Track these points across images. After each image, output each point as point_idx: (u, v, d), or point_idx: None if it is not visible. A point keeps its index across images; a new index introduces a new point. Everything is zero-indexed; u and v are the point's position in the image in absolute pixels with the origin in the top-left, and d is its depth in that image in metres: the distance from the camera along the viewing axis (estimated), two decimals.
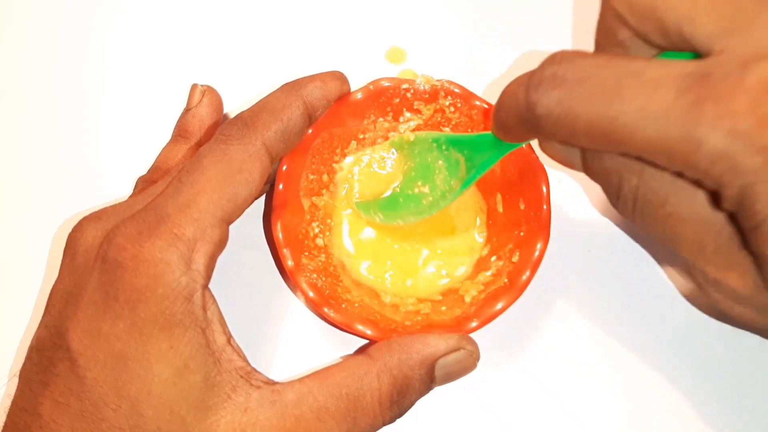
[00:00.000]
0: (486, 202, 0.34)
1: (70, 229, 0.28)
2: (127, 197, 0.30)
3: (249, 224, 0.34)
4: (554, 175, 0.28)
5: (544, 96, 0.22)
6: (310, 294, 0.30)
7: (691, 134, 0.20)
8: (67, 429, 0.25)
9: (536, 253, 0.30)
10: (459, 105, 0.33)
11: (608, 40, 0.24)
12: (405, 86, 0.33)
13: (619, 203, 0.25)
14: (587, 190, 0.35)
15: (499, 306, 0.30)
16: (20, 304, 0.34)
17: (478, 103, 0.33)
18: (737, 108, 0.19)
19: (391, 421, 0.28)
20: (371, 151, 0.34)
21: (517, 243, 0.32)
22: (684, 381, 0.32)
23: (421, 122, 0.34)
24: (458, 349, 0.29)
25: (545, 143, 0.26)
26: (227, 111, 0.36)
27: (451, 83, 0.33)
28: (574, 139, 0.22)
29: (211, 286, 0.27)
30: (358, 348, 0.33)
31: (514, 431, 0.32)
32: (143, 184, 0.32)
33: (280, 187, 0.31)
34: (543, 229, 0.31)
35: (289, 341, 0.33)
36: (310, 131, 0.32)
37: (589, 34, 0.37)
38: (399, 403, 0.28)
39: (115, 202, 0.29)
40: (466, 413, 0.32)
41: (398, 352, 0.28)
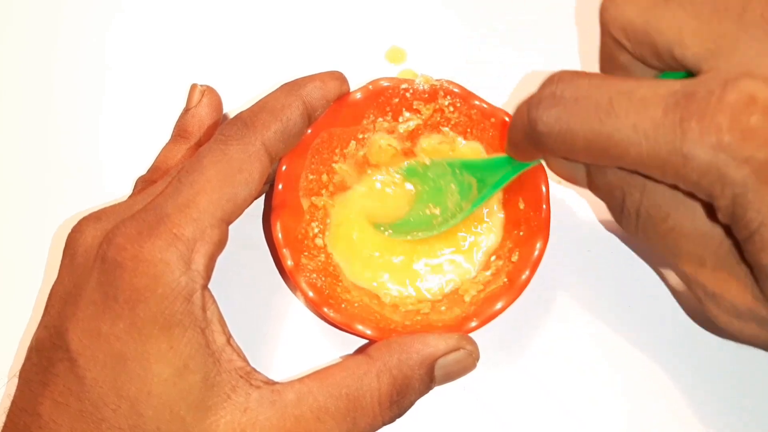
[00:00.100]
0: (486, 202, 0.34)
1: (69, 229, 0.28)
2: (126, 197, 0.31)
3: (248, 224, 0.34)
4: (554, 176, 0.29)
5: (544, 114, 0.23)
6: (310, 294, 0.30)
7: (679, 149, 0.21)
8: (66, 429, 0.25)
9: (536, 252, 0.30)
10: (458, 105, 0.33)
11: (610, 64, 0.25)
12: (404, 86, 0.33)
13: (622, 218, 0.26)
14: (586, 191, 0.35)
15: (499, 306, 0.30)
16: (20, 304, 0.34)
17: (477, 102, 0.33)
18: (720, 123, 0.20)
19: (391, 421, 0.28)
20: (384, 172, 0.34)
21: (516, 242, 0.32)
22: (684, 381, 0.32)
23: (420, 122, 0.34)
24: (458, 348, 0.29)
25: (551, 160, 0.27)
26: (227, 111, 0.36)
27: (451, 83, 0.33)
28: (574, 155, 0.23)
29: (210, 286, 0.27)
30: (358, 348, 0.33)
31: (514, 431, 0.32)
32: (143, 184, 0.32)
33: (280, 187, 0.31)
34: (542, 229, 0.31)
35: (288, 341, 0.33)
36: (309, 131, 0.32)
37: (589, 34, 0.38)
38: (399, 403, 0.28)
39: (115, 202, 0.29)
40: (466, 413, 0.32)
41: (398, 352, 0.28)
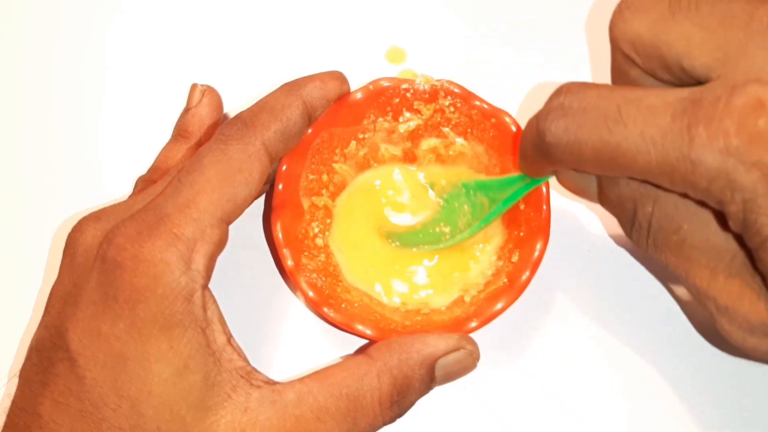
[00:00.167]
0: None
1: (69, 229, 0.28)
2: (126, 197, 0.31)
3: (249, 224, 0.34)
4: (562, 189, 0.28)
5: (552, 125, 0.23)
6: (310, 294, 0.30)
7: (687, 155, 0.20)
8: (66, 429, 0.25)
9: (536, 253, 0.30)
10: (459, 105, 0.33)
11: (622, 79, 0.25)
12: (405, 86, 0.33)
13: (633, 231, 0.25)
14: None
15: (499, 306, 0.30)
16: (20, 304, 0.34)
17: (477, 103, 0.33)
18: (727, 127, 0.20)
19: (391, 421, 0.28)
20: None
21: (516, 243, 0.32)
22: (684, 381, 0.32)
23: (420, 122, 0.34)
24: (458, 348, 0.29)
25: (561, 174, 0.27)
26: (227, 111, 0.36)
27: (451, 83, 0.33)
28: (583, 165, 0.23)
29: (210, 286, 0.27)
30: (358, 348, 0.33)
31: (514, 431, 0.32)
32: (143, 183, 0.32)
33: (280, 187, 0.31)
34: (543, 229, 0.31)
35: (289, 341, 0.33)
36: (309, 131, 0.32)
37: (589, 34, 0.38)
38: (399, 403, 0.28)
39: (115, 202, 0.29)
40: (466, 413, 0.32)
41: (398, 352, 0.28)
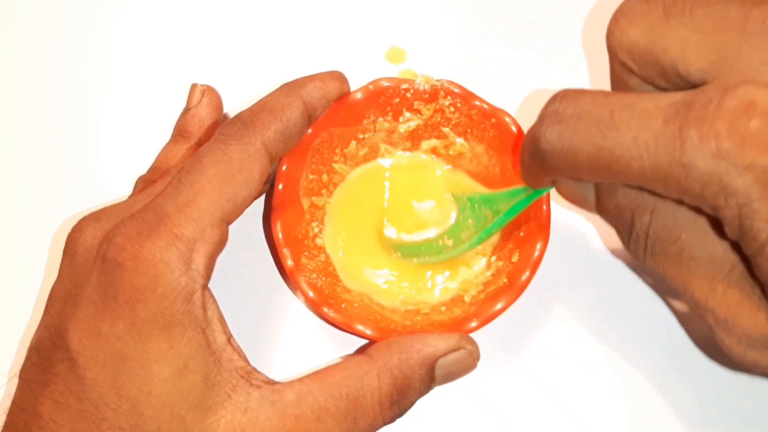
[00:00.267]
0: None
1: (69, 229, 0.28)
2: (126, 197, 0.31)
3: (249, 224, 0.34)
4: (562, 200, 0.28)
5: (547, 132, 0.23)
6: (310, 294, 0.30)
7: (679, 159, 0.20)
8: (66, 429, 0.25)
9: (536, 253, 0.30)
10: (459, 105, 0.33)
11: (621, 88, 0.25)
12: (405, 86, 0.33)
13: (631, 241, 0.25)
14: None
15: (499, 306, 0.30)
16: (20, 304, 0.34)
17: (477, 103, 0.33)
18: (719, 129, 0.20)
19: (391, 420, 0.28)
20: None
21: (516, 243, 0.32)
22: (684, 381, 0.32)
23: (420, 122, 0.34)
24: (458, 348, 0.29)
25: (560, 183, 0.27)
26: (227, 111, 0.36)
27: (451, 83, 0.33)
28: (578, 172, 0.23)
29: (210, 286, 0.27)
30: (358, 348, 0.33)
31: (514, 431, 0.32)
32: (143, 183, 0.32)
33: (280, 187, 0.31)
34: (543, 229, 0.31)
35: (289, 341, 0.33)
36: (309, 131, 0.32)
37: (589, 34, 0.38)
38: (399, 403, 0.28)
39: (115, 202, 0.29)
40: (466, 413, 0.32)
41: (398, 351, 0.28)
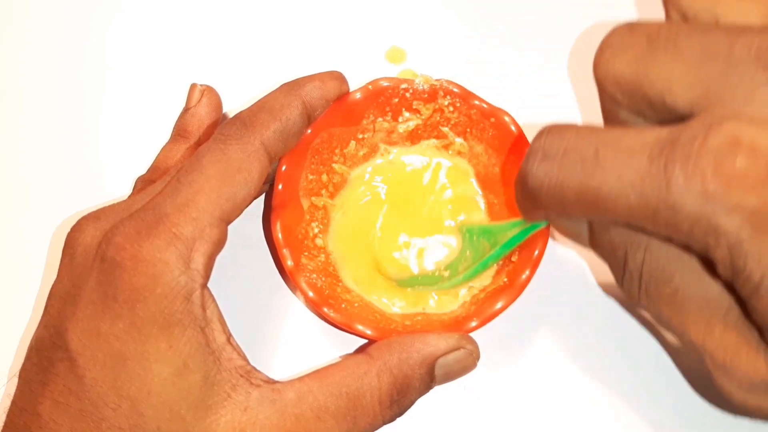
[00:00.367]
0: (486, 201, 0.34)
1: (69, 229, 0.28)
2: (126, 197, 0.31)
3: (248, 224, 0.34)
4: (558, 236, 0.28)
5: (533, 168, 0.23)
6: (310, 294, 0.30)
7: (666, 199, 0.20)
8: (66, 429, 0.25)
9: (536, 252, 0.30)
10: (458, 104, 0.33)
11: (612, 121, 0.25)
12: (404, 86, 0.33)
13: (624, 280, 0.24)
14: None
15: (499, 305, 0.29)
16: (20, 304, 0.34)
17: (477, 102, 0.33)
18: (704, 169, 0.19)
19: (391, 420, 0.28)
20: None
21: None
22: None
23: (420, 122, 0.34)
24: (458, 348, 0.29)
25: (553, 219, 0.26)
26: (226, 111, 0.36)
27: (450, 83, 0.33)
28: (567, 210, 0.23)
29: (210, 285, 0.27)
30: (358, 348, 0.33)
31: (514, 431, 0.32)
32: (142, 183, 0.32)
33: (280, 187, 0.31)
34: (542, 229, 0.30)
35: (289, 341, 0.33)
36: (309, 131, 0.32)
37: (589, 34, 0.38)
38: (399, 402, 0.28)
39: (115, 201, 0.29)
40: (466, 413, 0.32)
41: (398, 351, 0.28)
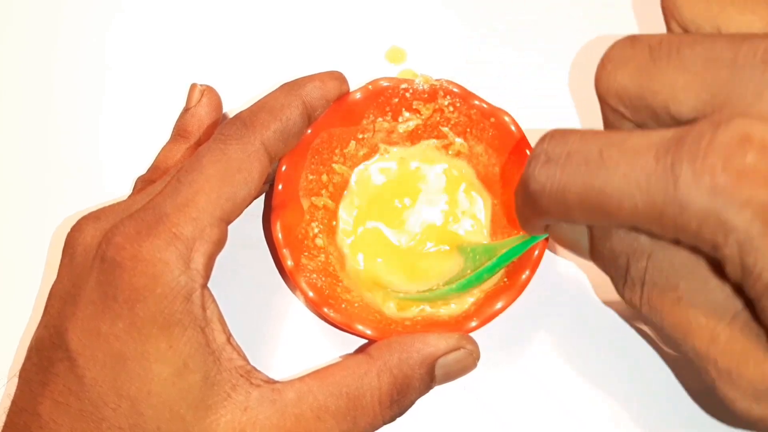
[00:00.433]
0: (486, 202, 0.34)
1: (69, 229, 0.28)
2: (126, 197, 0.31)
3: (248, 224, 0.34)
4: (558, 248, 0.28)
5: (535, 172, 0.22)
6: (310, 294, 0.30)
7: (673, 197, 0.19)
8: (66, 429, 0.25)
9: (536, 252, 0.30)
10: (458, 104, 0.33)
11: None
12: (404, 86, 0.33)
13: (626, 289, 0.24)
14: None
15: (499, 305, 0.29)
16: (20, 304, 0.34)
17: (477, 102, 0.33)
18: (713, 164, 0.19)
19: (391, 420, 0.28)
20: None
21: (516, 242, 0.32)
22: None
23: (420, 122, 0.34)
24: (458, 348, 0.29)
25: (553, 228, 0.26)
26: (226, 111, 0.36)
27: (450, 83, 0.33)
28: (570, 214, 0.22)
29: (210, 285, 0.27)
30: (358, 348, 0.33)
31: (514, 431, 0.32)
32: (142, 183, 0.32)
33: (280, 187, 0.31)
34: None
35: (289, 341, 0.33)
36: (309, 131, 0.32)
37: (589, 34, 0.38)
38: (399, 402, 0.28)
39: (115, 201, 0.29)
40: (466, 413, 0.32)
41: (398, 351, 0.28)
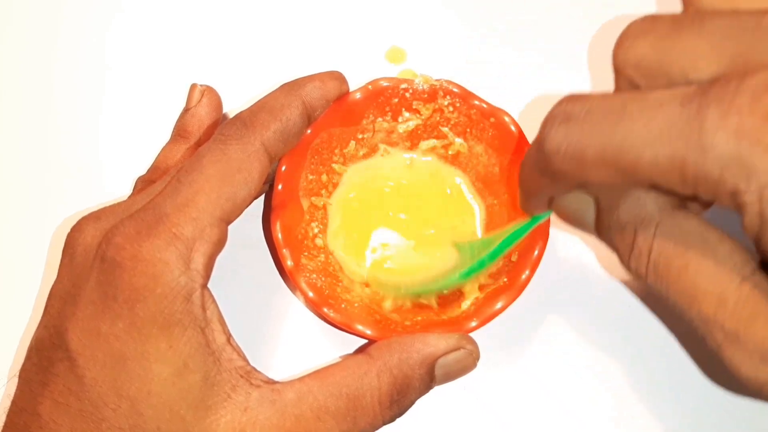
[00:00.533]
0: (484, 201, 0.34)
1: (69, 229, 0.28)
2: (126, 197, 0.31)
3: (248, 224, 0.34)
4: (559, 223, 0.28)
5: (552, 131, 0.22)
6: (310, 294, 0.30)
7: (697, 141, 0.19)
8: (66, 429, 0.25)
9: (536, 252, 0.30)
10: (458, 104, 0.33)
11: None
12: (404, 86, 0.33)
13: (632, 259, 0.24)
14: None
15: (499, 305, 0.30)
16: (20, 304, 0.34)
17: (476, 102, 0.33)
18: (740, 105, 0.18)
19: (391, 420, 0.28)
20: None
21: (516, 243, 0.31)
22: (685, 381, 0.32)
23: (420, 122, 0.34)
24: (458, 348, 0.29)
25: (557, 202, 0.26)
26: (227, 111, 0.36)
27: (450, 83, 0.33)
28: (584, 173, 0.22)
29: (210, 285, 0.27)
30: (358, 348, 0.33)
31: (514, 431, 0.32)
32: (142, 183, 0.32)
33: (279, 187, 0.31)
34: (542, 229, 0.30)
35: (289, 341, 0.33)
36: (309, 131, 0.32)
37: (589, 34, 0.38)
38: (399, 402, 0.28)
39: (115, 201, 0.29)
40: (466, 413, 0.32)
41: (398, 351, 0.28)
